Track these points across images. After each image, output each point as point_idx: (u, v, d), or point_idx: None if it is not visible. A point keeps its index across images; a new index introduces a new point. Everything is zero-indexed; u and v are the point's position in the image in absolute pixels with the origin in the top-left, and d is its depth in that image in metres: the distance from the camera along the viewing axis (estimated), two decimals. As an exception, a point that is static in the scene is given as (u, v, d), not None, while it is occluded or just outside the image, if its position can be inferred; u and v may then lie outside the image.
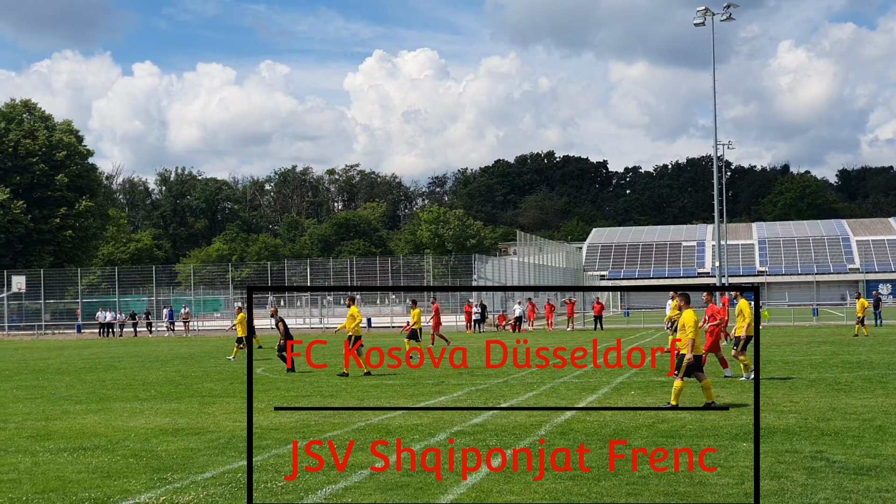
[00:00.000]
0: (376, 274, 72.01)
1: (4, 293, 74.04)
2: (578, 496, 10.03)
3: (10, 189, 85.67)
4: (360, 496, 10.02)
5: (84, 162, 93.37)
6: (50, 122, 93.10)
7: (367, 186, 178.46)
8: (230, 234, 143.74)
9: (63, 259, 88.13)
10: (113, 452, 13.42)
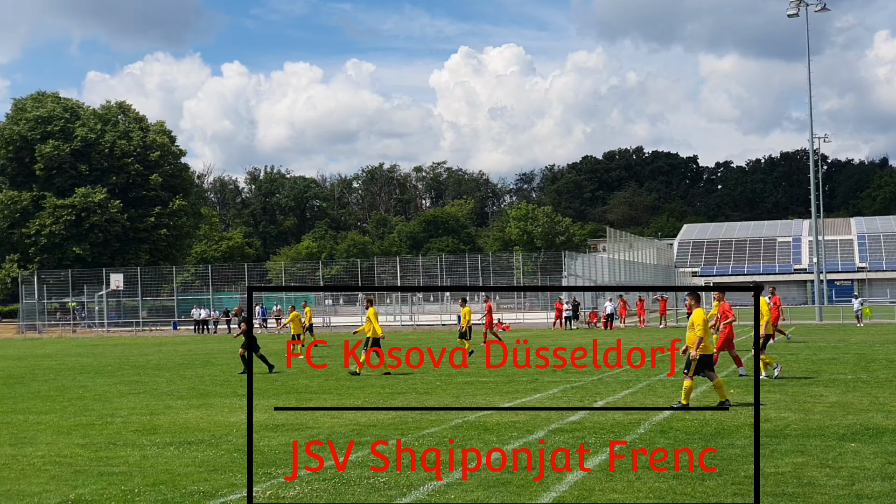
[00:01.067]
0: (465, 271, 72.12)
1: (104, 291, 75.81)
2: (683, 496, 9.92)
3: (108, 189, 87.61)
4: (462, 494, 10.04)
5: (177, 162, 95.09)
6: (144, 123, 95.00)
7: (455, 184, 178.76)
8: (319, 232, 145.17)
9: (158, 257, 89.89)
10: (217, 447, 13.65)
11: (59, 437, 14.99)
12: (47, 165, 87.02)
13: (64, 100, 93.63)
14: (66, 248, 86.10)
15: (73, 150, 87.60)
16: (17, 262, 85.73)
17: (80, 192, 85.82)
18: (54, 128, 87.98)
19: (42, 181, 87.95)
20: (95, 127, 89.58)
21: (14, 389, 24.06)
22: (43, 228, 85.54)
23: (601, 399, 18.39)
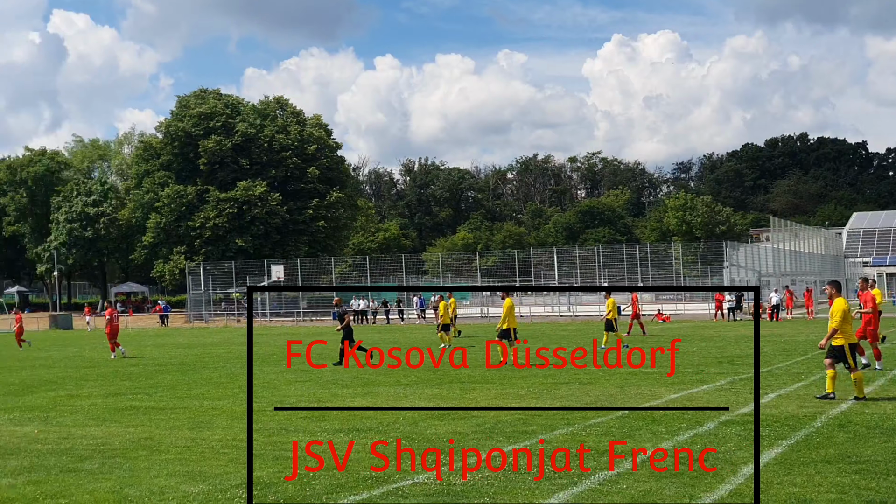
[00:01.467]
0: (623, 262, 71.26)
1: (266, 281, 77.89)
2: (867, 490, 9.53)
3: (267, 182, 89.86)
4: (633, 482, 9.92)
5: (333, 155, 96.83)
6: (301, 117, 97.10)
7: (610, 174, 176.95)
8: (474, 223, 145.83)
9: (317, 248, 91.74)
10: (385, 434, 13.77)
11: (234, 422, 15.41)
12: (210, 160, 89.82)
13: (225, 96, 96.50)
14: (229, 240, 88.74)
15: (235, 145, 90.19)
16: (184, 254, 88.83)
17: (241, 186, 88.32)
18: (216, 123, 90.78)
19: (206, 175, 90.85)
20: (255, 122, 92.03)
21: (188, 376, 24.88)
22: (207, 221, 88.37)
23: (772, 391, 17.86)
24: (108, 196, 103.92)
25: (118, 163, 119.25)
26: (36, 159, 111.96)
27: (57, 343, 47.51)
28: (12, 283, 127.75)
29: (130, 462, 12.04)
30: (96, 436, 14.24)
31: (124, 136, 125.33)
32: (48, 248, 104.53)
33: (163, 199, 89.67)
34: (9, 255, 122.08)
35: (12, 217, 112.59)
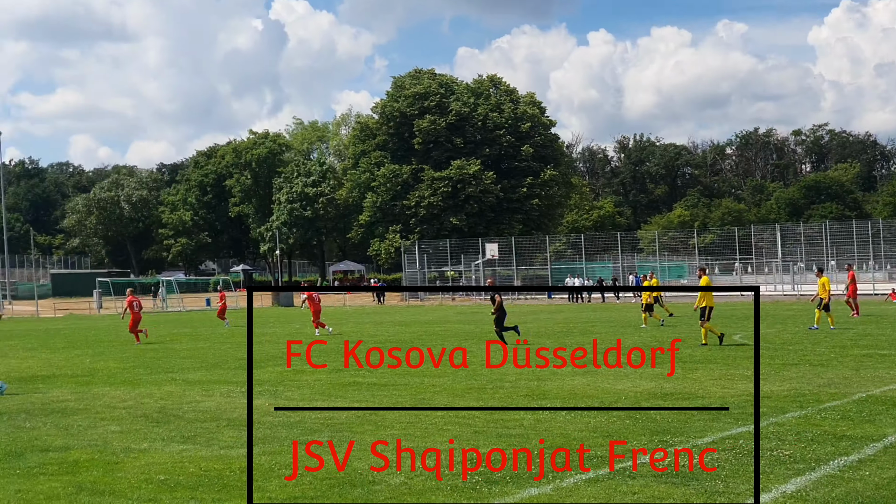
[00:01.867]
0: (852, 238, 67.95)
1: (480, 260, 78.46)
2: None
3: (481, 161, 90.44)
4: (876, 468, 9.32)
5: (547, 132, 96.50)
6: (514, 95, 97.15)
7: (838, 146, 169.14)
8: (691, 200, 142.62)
9: (531, 227, 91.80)
10: (608, 414, 13.50)
11: (455, 399, 15.42)
12: (425, 139, 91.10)
13: (439, 76, 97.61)
14: (443, 218, 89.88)
15: (449, 124, 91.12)
16: (400, 233, 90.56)
17: (455, 165, 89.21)
18: (430, 103, 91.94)
19: (420, 155, 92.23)
20: (469, 101, 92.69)
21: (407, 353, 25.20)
22: (422, 200, 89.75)
23: None
24: (327, 176, 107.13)
25: (336, 144, 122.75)
26: (259, 142, 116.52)
27: (280, 319, 49.26)
28: (237, 261, 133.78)
29: (357, 436, 12.18)
30: (323, 411, 14.51)
31: (341, 118, 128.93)
32: (270, 228, 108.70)
33: (379, 179, 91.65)
34: (234, 234, 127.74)
35: (238, 198, 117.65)
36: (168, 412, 14.71)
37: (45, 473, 10.34)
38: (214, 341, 32.49)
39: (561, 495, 8.92)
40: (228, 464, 10.64)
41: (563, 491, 9.07)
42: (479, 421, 13.13)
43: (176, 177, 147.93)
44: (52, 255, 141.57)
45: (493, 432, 12.19)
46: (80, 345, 31.53)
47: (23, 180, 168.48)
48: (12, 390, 18.25)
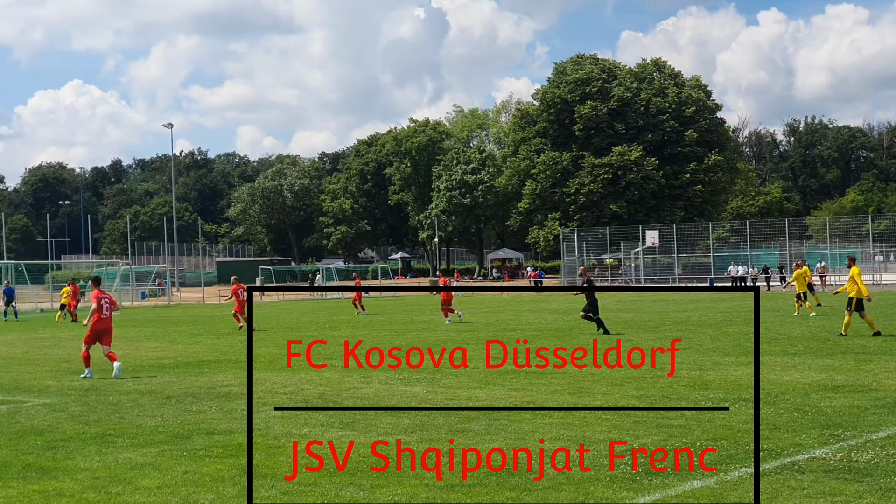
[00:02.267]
0: None
1: (640, 247, 77.40)
2: None
3: (643, 147, 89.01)
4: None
5: (712, 116, 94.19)
6: (679, 78, 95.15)
7: None
8: (865, 184, 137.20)
9: (693, 213, 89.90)
10: (775, 406, 13.04)
11: (614, 388, 15.14)
12: (586, 126, 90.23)
13: (601, 60, 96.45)
14: (603, 205, 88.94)
15: (610, 110, 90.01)
16: (559, 220, 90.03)
17: (616, 151, 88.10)
18: (592, 89, 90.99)
19: (581, 141, 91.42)
20: (631, 86, 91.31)
21: (564, 341, 24.96)
22: (582, 187, 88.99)
23: None
24: (486, 164, 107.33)
25: (496, 131, 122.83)
26: (419, 130, 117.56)
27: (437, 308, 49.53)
28: (396, 249, 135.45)
29: (515, 424, 12.08)
30: (480, 398, 14.47)
31: (501, 105, 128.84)
32: (429, 216, 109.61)
33: (538, 166, 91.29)
34: (394, 222, 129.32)
35: (397, 186, 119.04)
36: (327, 398, 14.89)
37: (210, 456, 10.57)
38: (372, 328, 32.91)
39: (725, 488, 8.65)
40: (386, 450, 10.67)
41: (727, 484, 8.81)
42: (639, 413, 12.85)
43: (337, 165, 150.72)
44: (217, 243, 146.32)
45: (655, 423, 11.91)
46: (242, 331, 32.41)
47: (192, 171, 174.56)
48: (181, 374, 18.83)
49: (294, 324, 37.15)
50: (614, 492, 8.55)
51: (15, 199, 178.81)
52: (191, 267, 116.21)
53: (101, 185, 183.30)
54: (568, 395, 14.57)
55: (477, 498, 7.26)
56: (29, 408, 14.62)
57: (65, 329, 37.00)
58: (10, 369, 20.15)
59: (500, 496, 7.29)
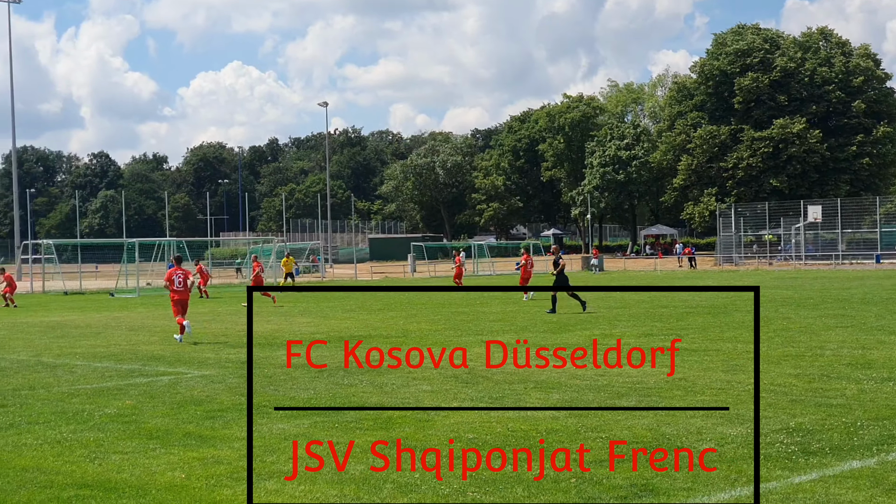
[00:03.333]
0: None
1: (801, 223, 75.08)
2: None
3: (806, 119, 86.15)
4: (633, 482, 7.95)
5: (881, 87, 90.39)
6: (846, 47, 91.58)
7: None
8: None
9: (859, 188, 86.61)
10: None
11: (770, 367, 14.71)
12: (745, 98, 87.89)
13: (763, 30, 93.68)
14: (762, 180, 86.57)
15: (772, 81, 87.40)
16: (715, 196, 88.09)
17: (777, 124, 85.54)
18: (753, 60, 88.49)
19: (740, 114, 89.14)
20: (795, 56, 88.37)
21: (718, 319, 24.41)
22: (740, 161, 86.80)
23: None
24: (641, 139, 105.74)
25: (651, 105, 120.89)
26: (573, 106, 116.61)
27: (590, 283, 49.16)
28: (548, 226, 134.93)
29: (666, 401, 11.86)
30: (631, 374, 14.25)
31: (657, 79, 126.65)
32: (582, 192, 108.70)
33: (695, 141, 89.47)
34: (546, 198, 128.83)
35: (550, 162, 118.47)
36: (477, 373, 14.90)
37: (361, 428, 10.70)
38: (523, 305, 32.83)
39: (885, 469, 8.30)
40: (535, 425, 10.62)
41: (887, 465, 8.44)
42: (797, 389, 12.47)
43: (489, 142, 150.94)
44: (370, 220, 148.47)
45: (813, 401, 11.54)
46: (394, 307, 32.79)
47: (346, 148, 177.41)
48: (333, 348, 19.14)
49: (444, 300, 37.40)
50: (769, 471, 8.31)
51: (177, 178, 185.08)
52: (344, 244, 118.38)
53: (258, 164, 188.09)
54: (721, 373, 14.22)
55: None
56: (189, 379, 15.09)
57: (231, 303, 38.18)
58: (171, 343, 20.87)
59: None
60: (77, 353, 19.09)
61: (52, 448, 10.11)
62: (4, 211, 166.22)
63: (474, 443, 8.60)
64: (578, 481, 8.21)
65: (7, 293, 38.63)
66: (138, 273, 50.71)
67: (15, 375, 15.90)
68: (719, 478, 8.24)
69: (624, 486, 8.03)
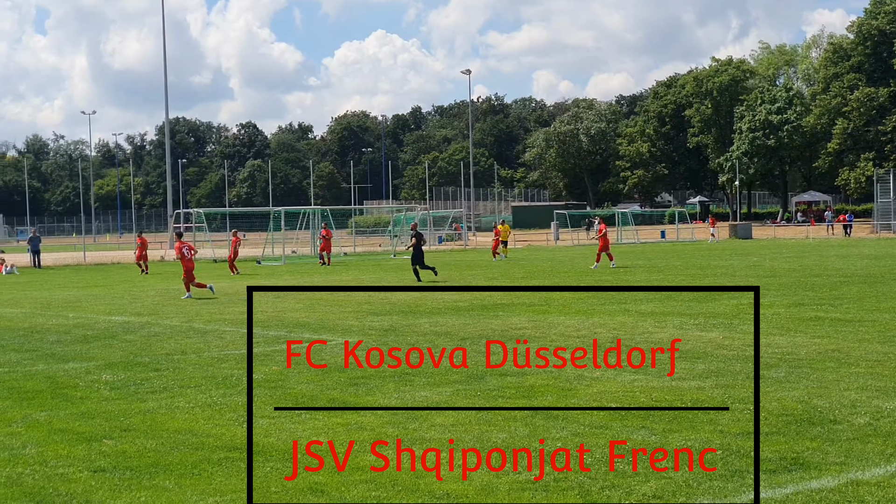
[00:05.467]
0: None
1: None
2: None
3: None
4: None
5: None
6: None
7: None
8: None
9: None
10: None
11: None
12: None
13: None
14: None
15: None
16: (872, 161, 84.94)
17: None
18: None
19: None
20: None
21: (875, 288, 23.56)
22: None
23: None
24: (793, 103, 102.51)
25: (804, 68, 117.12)
26: (722, 69, 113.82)
27: (737, 252, 48.08)
28: (694, 193, 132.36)
29: (818, 373, 11.49)
30: (781, 345, 13.85)
31: (812, 40, 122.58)
32: (730, 158, 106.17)
33: (851, 104, 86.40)
34: (692, 165, 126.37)
35: (697, 128, 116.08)
36: (621, 342, 14.70)
37: (504, 397, 10.70)
38: (668, 273, 32.30)
39: None
40: (679, 395, 10.43)
41: None
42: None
43: (634, 108, 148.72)
44: (513, 188, 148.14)
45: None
46: (538, 275, 32.66)
47: (488, 116, 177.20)
48: (476, 316, 19.16)
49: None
50: None
51: (322, 147, 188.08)
52: (486, 212, 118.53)
53: (401, 132, 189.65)
54: (878, 345, 13.70)
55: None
56: (333, 346, 15.31)
57: (374, 271, 38.70)
58: (316, 310, 21.21)
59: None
60: (226, 320, 19.60)
61: (203, 411, 10.41)
62: (157, 181, 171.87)
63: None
64: (725, 453, 8.01)
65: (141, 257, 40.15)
66: (284, 241, 51.75)
67: (168, 341, 16.42)
68: (874, 452, 7.94)
69: (773, 458, 7.81)
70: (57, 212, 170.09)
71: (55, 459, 8.50)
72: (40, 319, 20.65)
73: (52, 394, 11.61)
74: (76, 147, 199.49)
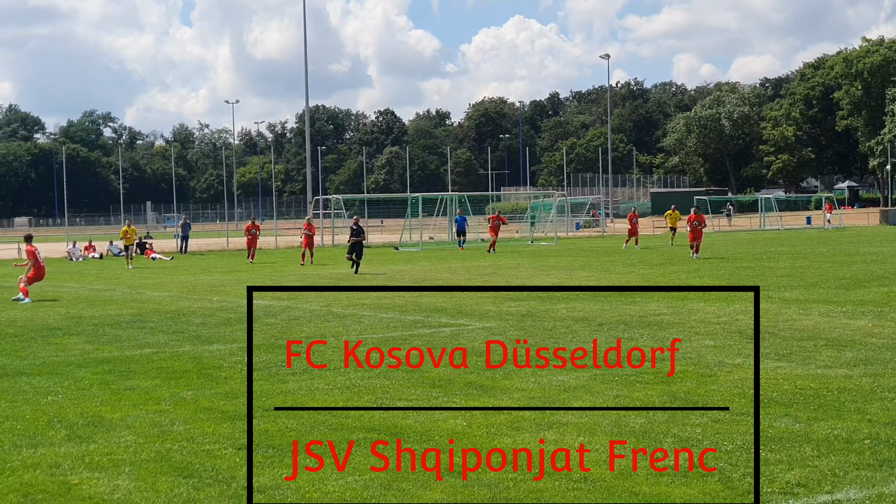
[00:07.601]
0: None
1: None
2: None
3: None
4: None
5: None
6: None
7: None
8: None
9: None
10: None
11: None
12: None
13: None
14: None
15: None
16: None
17: None
18: None
19: None
20: None
21: None
22: None
23: None
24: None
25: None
26: (873, 50, 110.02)
27: (888, 239, 46.41)
28: (842, 178, 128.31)
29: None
30: None
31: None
32: (881, 142, 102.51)
33: None
34: (840, 149, 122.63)
35: (846, 111, 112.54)
36: (762, 329, 14.37)
37: (641, 382, 10.62)
38: (814, 259, 31.40)
39: None
40: (826, 383, 10.16)
41: None
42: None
43: (779, 91, 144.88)
44: (652, 174, 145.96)
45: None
46: (676, 262, 32.15)
47: (627, 101, 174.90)
48: (614, 302, 18.95)
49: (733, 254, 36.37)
50: None
51: (459, 133, 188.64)
52: (625, 198, 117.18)
53: (538, 119, 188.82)
54: None
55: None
56: (470, 331, 15.38)
57: (512, 257, 38.72)
58: (455, 295, 21.30)
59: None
60: (364, 304, 19.85)
61: (342, 393, 10.59)
62: (298, 168, 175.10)
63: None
64: (873, 442, 7.75)
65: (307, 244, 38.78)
66: (421, 227, 52.18)
67: (307, 324, 16.73)
68: None
69: None
70: (201, 199, 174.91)
71: (201, 436, 8.77)
72: (186, 303, 21.29)
73: (197, 374, 11.98)
74: (220, 135, 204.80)
